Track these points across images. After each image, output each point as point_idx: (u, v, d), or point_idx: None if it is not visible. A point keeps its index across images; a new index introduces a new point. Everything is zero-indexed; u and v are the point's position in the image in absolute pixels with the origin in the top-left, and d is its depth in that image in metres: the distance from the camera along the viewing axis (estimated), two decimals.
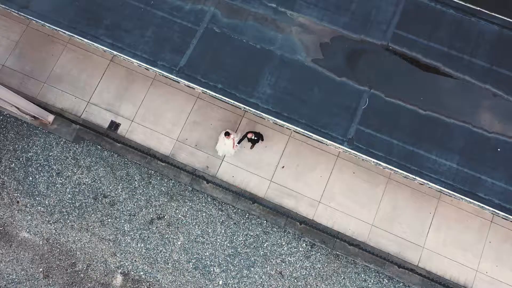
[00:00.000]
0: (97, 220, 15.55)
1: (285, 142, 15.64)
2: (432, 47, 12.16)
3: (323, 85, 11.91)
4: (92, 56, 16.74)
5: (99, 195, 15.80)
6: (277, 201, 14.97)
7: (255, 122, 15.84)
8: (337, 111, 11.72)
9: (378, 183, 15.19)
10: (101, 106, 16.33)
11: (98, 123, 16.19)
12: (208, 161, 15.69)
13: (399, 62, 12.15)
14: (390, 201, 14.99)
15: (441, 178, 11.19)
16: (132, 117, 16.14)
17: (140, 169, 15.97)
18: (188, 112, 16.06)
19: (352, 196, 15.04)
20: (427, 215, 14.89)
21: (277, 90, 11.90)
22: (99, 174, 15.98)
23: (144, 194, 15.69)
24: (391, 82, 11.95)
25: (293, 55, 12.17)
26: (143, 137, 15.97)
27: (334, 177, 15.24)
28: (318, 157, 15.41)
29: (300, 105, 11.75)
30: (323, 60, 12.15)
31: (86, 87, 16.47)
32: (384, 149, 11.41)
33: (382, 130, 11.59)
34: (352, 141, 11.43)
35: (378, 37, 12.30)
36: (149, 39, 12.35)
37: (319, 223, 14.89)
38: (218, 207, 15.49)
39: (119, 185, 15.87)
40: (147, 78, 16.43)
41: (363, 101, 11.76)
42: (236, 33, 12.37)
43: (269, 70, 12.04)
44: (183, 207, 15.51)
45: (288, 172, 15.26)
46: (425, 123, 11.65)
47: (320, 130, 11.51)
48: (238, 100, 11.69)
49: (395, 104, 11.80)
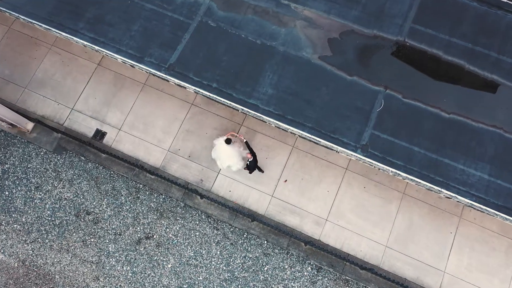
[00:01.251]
0: (79, 240, 14.06)
1: (288, 153, 14.20)
2: (454, 43, 10.82)
3: (332, 85, 10.52)
4: (78, 59, 15.47)
5: (81, 212, 14.30)
6: (279, 219, 13.52)
7: (255, 131, 14.45)
8: (348, 113, 10.28)
9: (391, 198, 13.70)
10: (86, 113, 14.95)
11: (82, 132, 14.78)
12: (203, 173, 14.20)
13: (417, 59, 10.80)
14: (406, 219, 13.49)
15: (471, 190, 9.66)
16: (119, 125, 14.75)
17: (127, 182, 14.47)
18: (181, 120, 14.67)
19: (363, 213, 13.51)
20: (448, 235, 13.33)
21: (280, 90, 10.49)
22: (82, 188, 14.50)
23: (131, 211, 14.17)
24: (409, 82, 10.56)
25: (297, 52, 10.82)
26: (131, 147, 14.54)
27: (342, 192, 13.75)
28: (324, 170, 13.95)
29: (306, 107, 10.33)
30: (332, 57, 10.79)
31: (70, 93, 15.15)
32: (403, 157, 9.92)
33: (400, 135, 10.13)
34: (367, 147, 9.95)
35: (393, 32, 10.98)
36: (136, 33, 11.03)
37: (326, 243, 13.35)
38: (213, 226, 13.92)
39: (103, 201, 14.38)
40: (137, 83, 15.11)
41: (378, 103, 10.34)
42: (234, 28, 11.06)
43: (270, 68, 10.66)
44: (174, 225, 13.98)
45: (292, 186, 13.79)
46: (449, 128, 10.21)
47: (329, 135, 10.04)
48: (235, 101, 10.28)
49: (415, 106, 10.37)
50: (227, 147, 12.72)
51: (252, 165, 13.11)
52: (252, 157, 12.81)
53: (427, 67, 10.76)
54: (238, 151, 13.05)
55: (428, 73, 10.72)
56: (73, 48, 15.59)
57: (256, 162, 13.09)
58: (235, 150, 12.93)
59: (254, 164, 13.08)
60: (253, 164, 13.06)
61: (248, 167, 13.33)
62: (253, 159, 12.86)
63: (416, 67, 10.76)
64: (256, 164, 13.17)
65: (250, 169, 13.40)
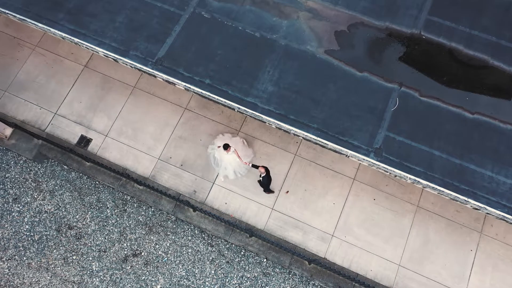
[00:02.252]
0: (60, 257, 12.86)
1: (290, 161, 12.98)
2: (476, 36, 9.73)
3: (340, 82, 9.38)
4: (63, 61, 14.40)
5: (63, 226, 13.04)
6: (280, 234, 12.38)
7: (254, 138, 13.30)
8: (359, 113, 9.10)
9: (404, 212, 12.46)
10: (70, 118, 13.80)
11: (66, 138, 13.62)
12: (196, 184, 12.95)
13: (435, 54, 9.67)
14: (421, 235, 12.24)
15: (502, 200, 8.41)
16: (106, 131, 13.58)
17: (114, 194, 13.22)
18: (173, 126, 13.50)
19: (373, 228, 12.24)
20: (468, 253, 12.03)
21: (281, 87, 9.34)
22: (64, 200, 13.27)
23: (117, 225, 12.88)
24: (426, 79, 9.43)
25: (301, 45, 9.71)
26: (118, 155, 13.33)
27: (350, 204, 12.51)
28: (330, 180, 12.73)
29: (311, 106, 9.16)
30: (339, 52, 9.68)
31: (54, 96, 14.05)
32: (422, 162, 8.70)
33: (419, 138, 8.94)
34: (380, 151, 8.72)
35: (407, 25, 9.89)
36: (121, 25, 9.95)
37: (333, 262, 12.14)
38: (207, 242, 12.61)
39: (87, 214, 13.12)
40: (126, 86, 14.02)
41: (392, 102, 9.17)
42: (230, 19, 10.00)
43: (271, 63, 9.54)
44: (164, 241, 12.67)
45: (294, 198, 12.54)
46: (474, 130, 9.04)
47: (338, 137, 8.84)
48: (231, 98, 9.12)
49: (433, 106, 9.21)
50: (225, 152, 11.59)
51: (265, 181, 11.64)
52: (265, 171, 11.31)
53: (446, 62, 9.62)
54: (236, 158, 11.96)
55: (447, 68, 9.57)
56: (59, 49, 14.55)
57: (270, 178, 11.66)
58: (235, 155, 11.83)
59: (267, 180, 11.63)
60: (266, 180, 11.60)
61: (261, 183, 11.92)
62: (266, 173, 11.38)
63: (434, 63, 9.62)
64: (270, 180, 11.74)
65: (265, 187, 11.94)
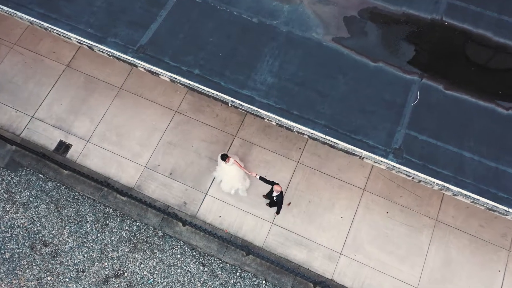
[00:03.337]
0: (33, 278, 11.47)
1: (292, 170, 11.62)
2: (506, 22, 8.44)
3: (351, 73, 8.10)
4: (44, 60, 13.18)
5: (37, 243, 11.64)
6: (281, 252, 11.02)
7: (251, 143, 11.97)
8: (373, 108, 7.78)
9: (421, 227, 11.06)
10: (48, 122, 12.48)
11: (43, 144, 12.28)
12: (187, 195, 11.54)
13: (459, 42, 8.38)
14: (441, 253, 10.86)
15: None
16: (88, 136, 12.27)
17: (95, 206, 11.81)
18: (162, 131, 12.18)
19: (387, 245, 10.86)
20: (495, 274, 10.62)
21: (283, 78, 8.06)
22: (40, 213, 11.87)
23: (97, 242, 11.46)
24: (451, 69, 8.13)
25: (305, 32, 8.47)
26: (100, 162, 11.97)
27: (360, 218, 11.14)
28: (337, 191, 11.38)
29: (317, 100, 7.85)
30: (350, 40, 8.42)
31: (31, 98, 12.78)
32: (451, 164, 7.34)
33: (445, 137, 7.61)
34: (401, 152, 7.36)
35: (426, 9, 8.71)
36: (99, 9, 8.75)
37: (341, 284, 10.83)
38: (198, 260, 11.15)
39: (65, 229, 11.72)
40: (112, 87, 12.76)
41: (412, 95, 7.85)
42: (224, 3, 8.81)
43: (270, 52, 8.28)
44: (150, 260, 11.22)
45: (297, 211, 11.21)
46: (510, 128, 7.60)
47: (350, 136, 7.50)
48: (224, 91, 7.83)
49: (460, 100, 7.89)
50: (227, 165, 10.25)
51: (281, 200, 10.23)
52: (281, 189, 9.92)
53: (473, 51, 8.36)
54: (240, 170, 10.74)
55: (475, 58, 8.28)
56: (39, 48, 13.37)
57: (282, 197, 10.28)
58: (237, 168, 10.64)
59: (282, 198, 10.25)
60: (281, 198, 10.21)
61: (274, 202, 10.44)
62: (280, 192, 10.01)
63: (459, 52, 8.34)
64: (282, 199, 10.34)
65: (279, 205, 10.47)
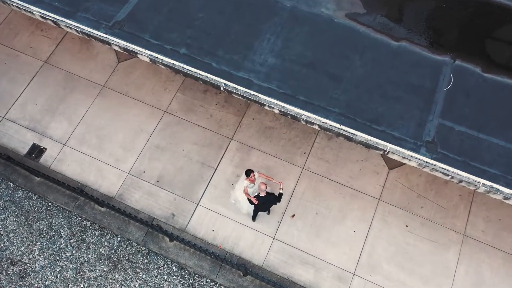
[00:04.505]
0: None
1: (296, 177, 10.17)
2: None
3: (369, 53, 6.73)
4: (19, 56, 11.92)
5: (4, 261, 10.34)
6: (285, 272, 9.58)
7: (250, 147, 10.57)
8: (398, 93, 6.37)
9: (447, 242, 9.55)
10: (21, 123, 11.11)
11: (13, 148, 10.88)
12: (175, 205, 10.06)
13: (498, 18, 6.99)
14: (471, 273, 9.39)
15: None
16: (65, 139, 10.88)
17: (70, 218, 10.33)
18: (149, 133, 10.79)
19: (407, 264, 9.33)
20: None
21: (287, 59, 6.68)
22: (7, 227, 10.45)
23: (73, 260, 9.99)
24: (489, 50, 6.69)
25: (313, 8, 7.16)
26: (78, 168, 10.54)
27: (375, 232, 9.63)
28: (348, 201, 9.89)
29: (329, 84, 6.44)
30: (366, 16, 7.09)
31: (3, 97, 11.54)
32: (498, 161, 5.85)
33: (488, 128, 6.12)
34: (435, 146, 5.92)
35: None
36: None
37: None
38: (188, 282, 9.64)
39: (35, 245, 10.27)
40: (94, 85, 11.44)
41: (445, 79, 6.43)
42: None
43: (271, 29, 6.91)
44: (132, 281, 9.74)
45: (302, 224, 9.74)
46: None
47: (371, 126, 6.07)
48: (216, 73, 6.45)
49: (504, 85, 6.44)
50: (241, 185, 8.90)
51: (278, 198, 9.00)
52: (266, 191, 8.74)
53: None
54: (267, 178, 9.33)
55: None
56: (15, 42, 12.17)
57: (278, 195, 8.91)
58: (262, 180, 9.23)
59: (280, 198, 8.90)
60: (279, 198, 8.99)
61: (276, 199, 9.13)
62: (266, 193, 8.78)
63: (499, 29, 6.94)
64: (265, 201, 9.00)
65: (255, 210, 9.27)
